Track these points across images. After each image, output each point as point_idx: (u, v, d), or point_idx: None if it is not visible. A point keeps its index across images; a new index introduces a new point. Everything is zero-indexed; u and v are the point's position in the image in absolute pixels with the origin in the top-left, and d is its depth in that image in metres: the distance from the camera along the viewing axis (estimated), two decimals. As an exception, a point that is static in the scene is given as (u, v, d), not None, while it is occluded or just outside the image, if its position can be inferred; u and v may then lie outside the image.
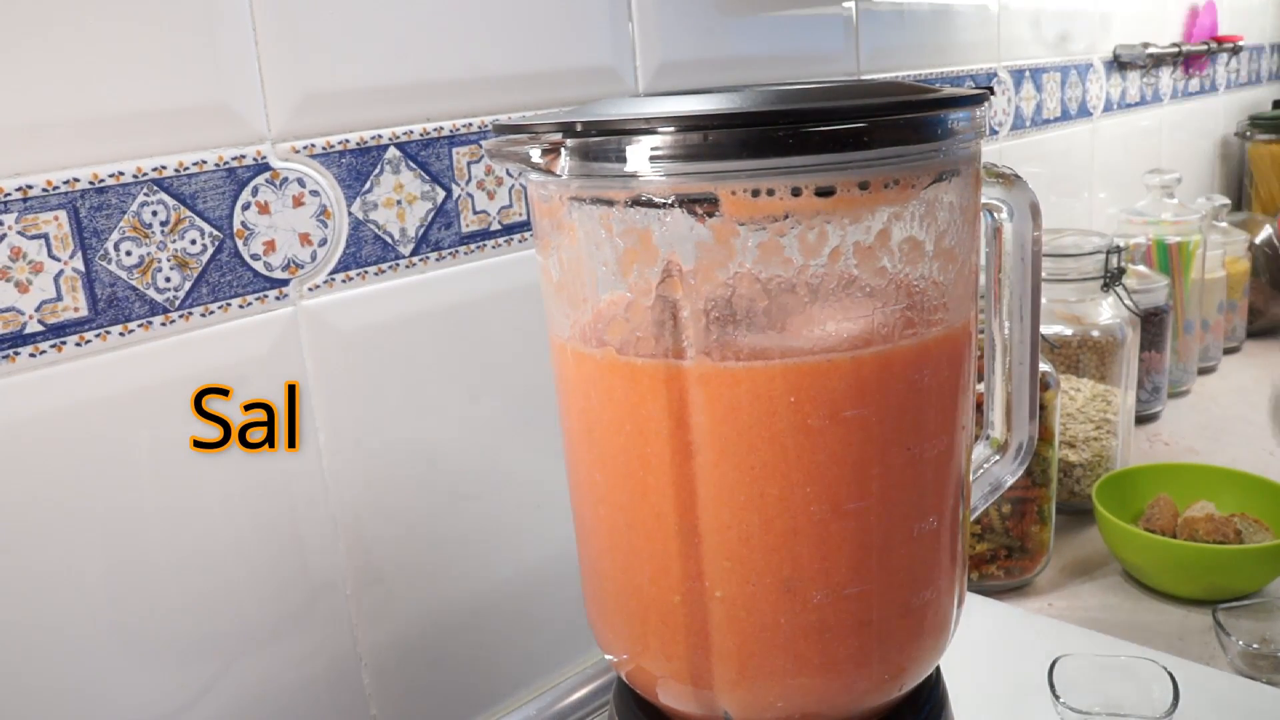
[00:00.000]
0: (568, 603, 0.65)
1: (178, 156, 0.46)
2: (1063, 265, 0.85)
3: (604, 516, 0.38)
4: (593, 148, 0.33)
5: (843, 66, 0.85)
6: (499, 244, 0.60)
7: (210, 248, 0.48)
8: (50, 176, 0.43)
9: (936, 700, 0.42)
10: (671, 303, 0.33)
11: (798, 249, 0.33)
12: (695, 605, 0.36)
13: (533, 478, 0.62)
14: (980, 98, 0.35)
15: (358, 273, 0.53)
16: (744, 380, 0.33)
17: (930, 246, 0.35)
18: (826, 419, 0.34)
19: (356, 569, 0.55)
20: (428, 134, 0.55)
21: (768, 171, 0.31)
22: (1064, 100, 1.19)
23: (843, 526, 0.35)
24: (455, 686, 0.61)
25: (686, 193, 0.32)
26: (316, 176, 0.51)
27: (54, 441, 0.44)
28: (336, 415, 0.53)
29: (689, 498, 0.35)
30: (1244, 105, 1.65)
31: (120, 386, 0.45)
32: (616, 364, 0.35)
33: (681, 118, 0.31)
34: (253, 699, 0.52)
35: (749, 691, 0.37)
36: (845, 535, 0.35)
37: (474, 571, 0.61)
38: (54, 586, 0.45)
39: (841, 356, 0.33)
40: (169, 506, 0.48)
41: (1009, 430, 0.44)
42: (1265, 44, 1.72)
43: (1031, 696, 0.54)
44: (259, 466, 0.50)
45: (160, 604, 0.48)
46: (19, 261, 0.42)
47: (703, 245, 0.33)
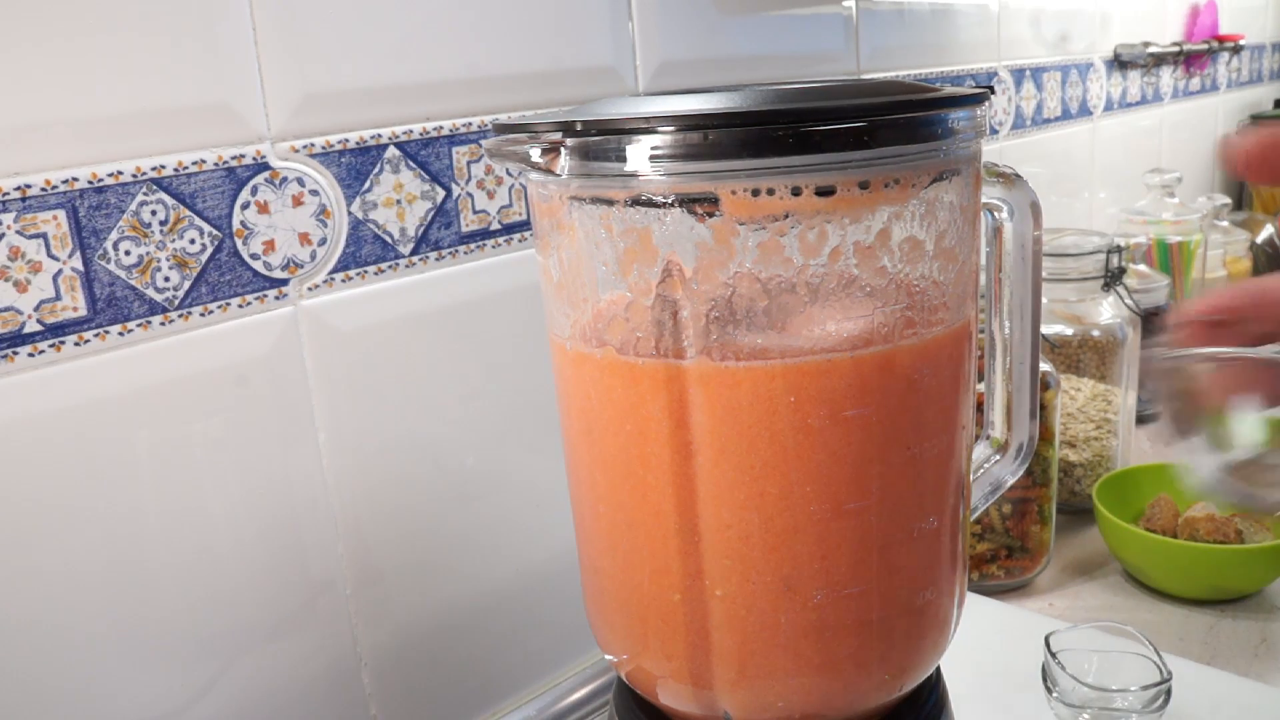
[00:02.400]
0: (568, 603, 0.65)
1: (177, 156, 0.46)
2: (1063, 265, 0.85)
3: (604, 516, 0.38)
4: (593, 147, 0.33)
5: (843, 66, 0.84)
6: (499, 244, 0.59)
7: (209, 247, 0.48)
8: (49, 176, 0.42)
9: (937, 700, 0.42)
10: (671, 302, 0.33)
11: (798, 249, 0.33)
12: (695, 604, 0.36)
13: (532, 478, 0.62)
14: (980, 97, 0.35)
15: (357, 272, 0.53)
16: (744, 380, 0.33)
17: (930, 246, 0.35)
18: (827, 419, 0.34)
19: (356, 569, 0.55)
20: (427, 133, 0.55)
21: (768, 171, 0.31)
22: (1064, 100, 1.19)
23: (843, 526, 0.35)
24: (455, 686, 0.61)
25: (686, 192, 0.32)
26: (316, 176, 0.51)
27: (54, 441, 0.44)
28: (336, 415, 0.53)
29: (689, 497, 0.35)
30: (1245, 104, 1.65)
31: (120, 386, 0.45)
32: (616, 364, 0.35)
33: (681, 117, 0.31)
34: (253, 699, 0.52)
35: (749, 691, 0.37)
36: (845, 535, 0.35)
37: (474, 571, 0.61)
38: (54, 586, 0.45)
39: (842, 356, 0.33)
40: (169, 506, 0.47)
41: (1009, 430, 0.44)
42: (1266, 43, 1.72)
43: (1032, 696, 0.54)
44: (259, 466, 0.50)
45: (160, 604, 0.48)
46: (18, 261, 0.42)
47: (703, 245, 0.33)
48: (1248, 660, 0.62)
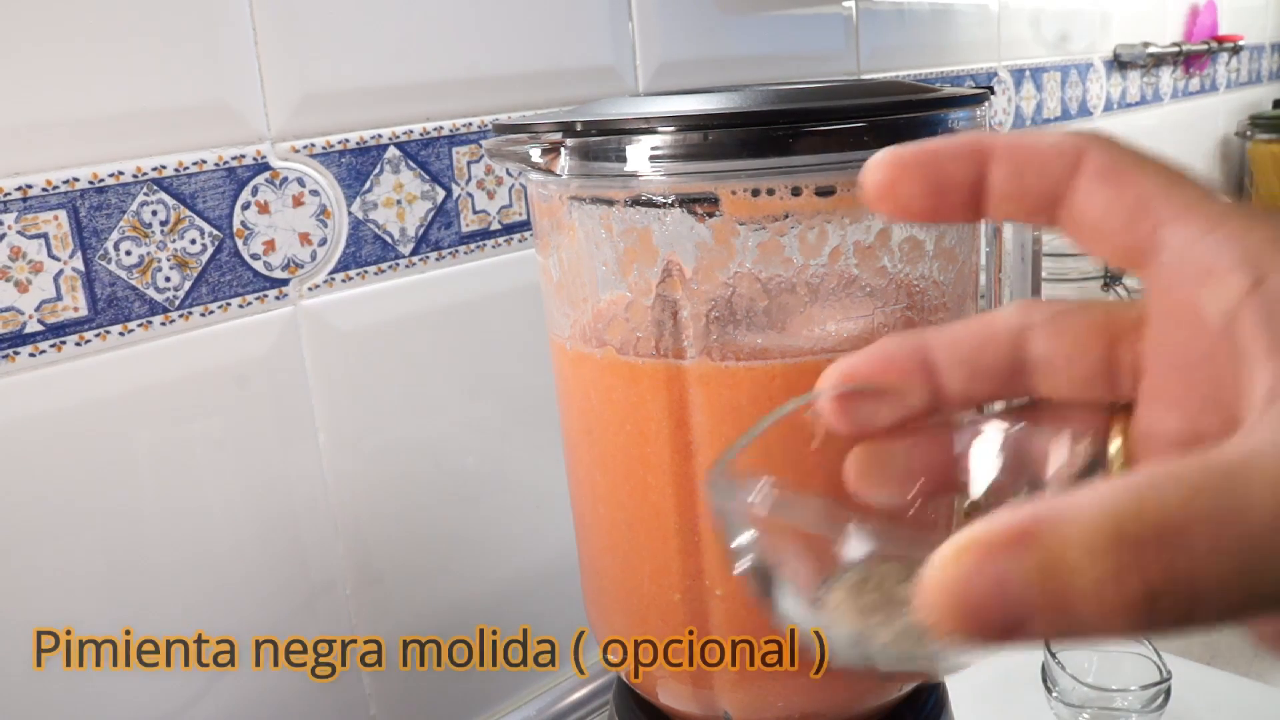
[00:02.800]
0: (568, 603, 0.65)
1: (177, 156, 0.46)
2: (1063, 265, 0.85)
3: (604, 515, 0.38)
4: (593, 147, 0.33)
5: (843, 66, 0.84)
6: (499, 244, 0.59)
7: (210, 247, 0.48)
8: (50, 176, 0.42)
9: (936, 700, 0.42)
10: (671, 302, 0.33)
11: (798, 249, 0.33)
12: (695, 604, 0.36)
13: (532, 478, 0.62)
14: (980, 97, 0.35)
15: (357, 272, 0.53)
16: (744, 380, 0.33)
17: (930, 246, 0.35)
18: (826, 419, 0.33)
19: (356, 569, 0.55)
20: (428, 134, 0.55)
21: (768, 171, 0.31)
22: (1064, 100, 1.19)
23: (843, 526, 0.35)
24: (455, 686, 0.61)
25: (686, 192, 0.32)
26: (316, 176, 0.51)
27: (54, 441, 0.44)
28: (336, 415, 0.53)
29: (689, 497, 0.35)
30: (1244, 105, 1.65)
31: (120, 386, 0.45)
32: (616, 364, 0.35)
33: (681, 117, 0.31)
34: (253, 699, 0.52)
35: (749, 691, 0.37)
36: (845, 535, 0.35)
37: (474, 571, 0.60)
38: (54, 586, 0.45)
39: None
40: (169, 506, 0.47)
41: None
42: (1265, 43, 1.72)
43: (1031, 695, 0.54)
44: (259, 467, 0.50)
45: (160, 604, 0.48)
46: (19, 261, 0.42)
47: (703, 245, 0.33)
48: (1248, 660, 0.62)
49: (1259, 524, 0.14)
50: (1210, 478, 0.15)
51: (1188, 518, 0.14)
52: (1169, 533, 0.14)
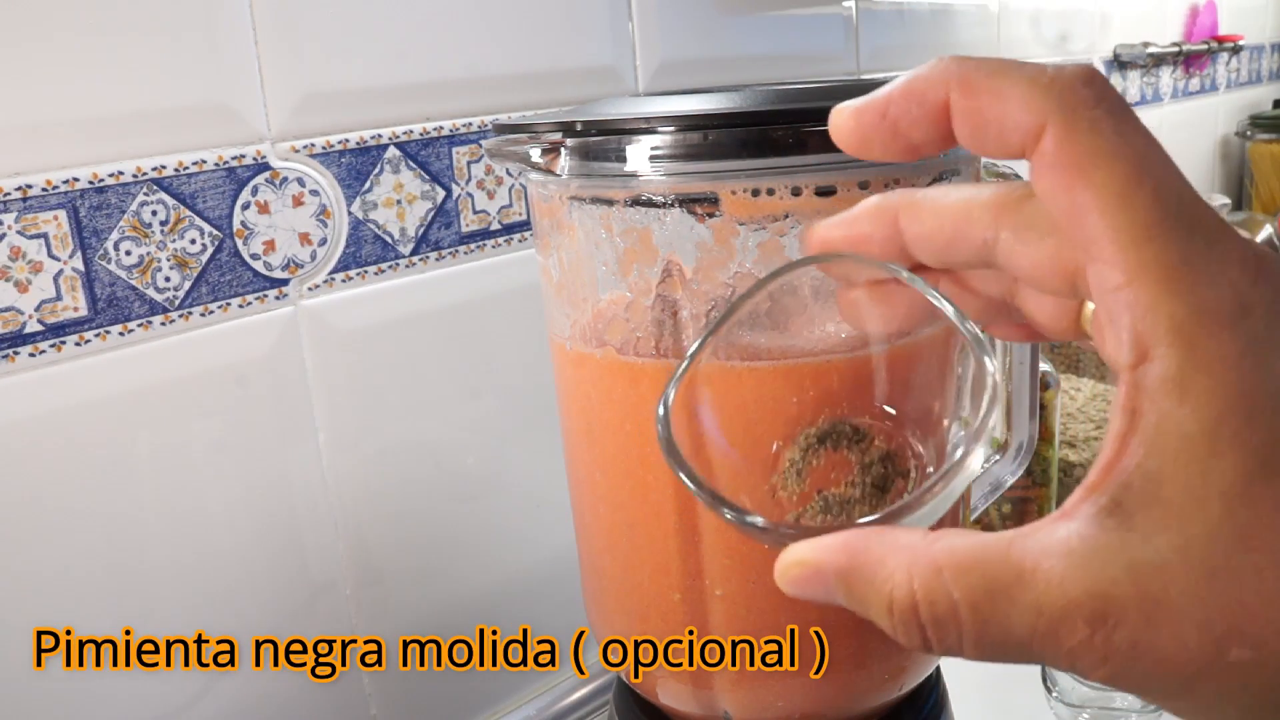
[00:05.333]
0: (568, 603, 0.65)
1: (177, 156, 0.46)
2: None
3: (604, 516, 0.38)
4: (593, 147, 0.33)
5: (843, 66, 0.84)
6: (499, 244, 0.60)
7: (210, 247, 0.48)
8: (50, 176, 0.42)
9: (936, 700, 0.42)
10: (671, 302, 0.33)
11: (798, 249, 0.33)
12: (695, 604, 0.36)
13: (532, 478, 0.62)
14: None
15: (357, 272, 0.53)
16: (745, 380, 0.33)
17: (930, 246, 0.35)
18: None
19: (356, 569, 0.55)
20: (428, 134, 0.55)
21: (768, 171, 0.31)
22: (1064, 100, 1.18)
23: (843, 526, 0.35)
24: (455, 686, 0.61)
25: (686, 192, 0.32)
26: (316, 176, 0.51)
27: (54, 441, 0.44)
28: (336, 415, 0.53)
29: (689, 496, 0.35)
30: (1244, 105, 1.65)
31: (120, 386, 0.45)
32: (616, 364, 0.35)
33: (681, 117, 0.31)
34: (253, 699, 0.52)
35: (749, 691, 0.37)
36: (845, 535, 0.35)
37: (474, 572, 0.61)
38: (54, 586, 0.45)
39: (842, 357, 0.33)
40: (169, 507, 0.47)
41: (1009, 430, 0.44)
42: (1265, 43, 1.72)
43: (1031, 695, 0.54)
44: (259, 467, 0.50)
45: (160, 604, 0.48)
46: (18, 261, 0.42)
47: (703, 245, 0.33)
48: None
49: (1016, 643, 0.19)
50: (998, 582, 0.19)
51: (966, 615, 0.19)
52: (947, 621, 0.19)
